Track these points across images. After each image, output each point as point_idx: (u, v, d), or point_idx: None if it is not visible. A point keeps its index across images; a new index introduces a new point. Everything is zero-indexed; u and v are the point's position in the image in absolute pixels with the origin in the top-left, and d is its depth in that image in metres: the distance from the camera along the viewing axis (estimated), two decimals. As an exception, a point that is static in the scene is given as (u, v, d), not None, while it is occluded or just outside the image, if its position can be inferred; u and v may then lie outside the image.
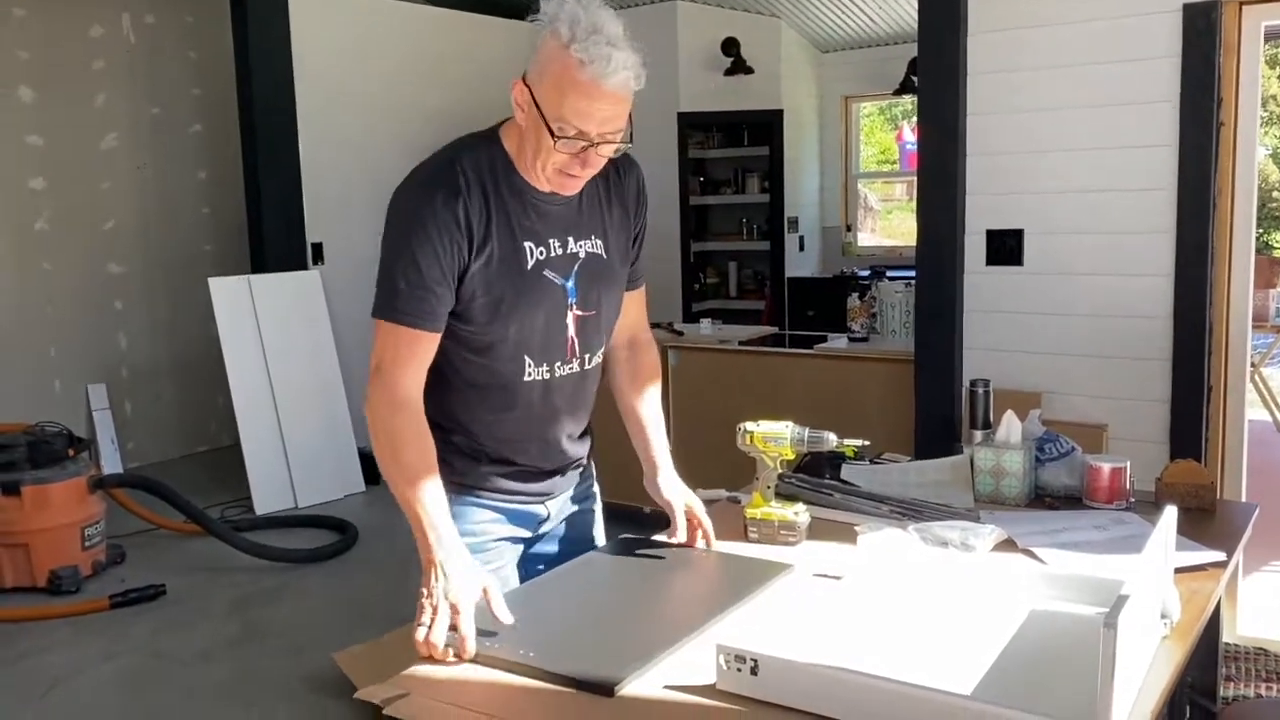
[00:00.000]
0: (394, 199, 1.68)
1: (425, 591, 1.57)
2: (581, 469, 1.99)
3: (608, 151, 1.66)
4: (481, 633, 1.54)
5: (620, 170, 1.85)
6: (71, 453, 4.37)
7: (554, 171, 1.66)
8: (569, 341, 1.79)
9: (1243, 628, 3.33)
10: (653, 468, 1.97)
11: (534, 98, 1.61)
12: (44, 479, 4.20)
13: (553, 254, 1.73)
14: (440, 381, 1.76)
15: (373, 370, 1.68)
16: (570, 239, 1.76)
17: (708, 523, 1.93)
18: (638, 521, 2.32)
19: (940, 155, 3.47)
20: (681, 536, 1.92)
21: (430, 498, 1.64)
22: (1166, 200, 3.14)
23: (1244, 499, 3.23)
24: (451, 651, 1.51)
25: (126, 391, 6.18)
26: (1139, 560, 1.44)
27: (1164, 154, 3.14)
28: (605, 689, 1.40)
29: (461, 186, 1.65)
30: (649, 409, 2.00)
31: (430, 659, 1.52)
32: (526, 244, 1.71)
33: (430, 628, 1.53)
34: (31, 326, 5.72)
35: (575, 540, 2.00)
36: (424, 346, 1.68)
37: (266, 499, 5.25)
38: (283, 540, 4.72)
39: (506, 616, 1.57)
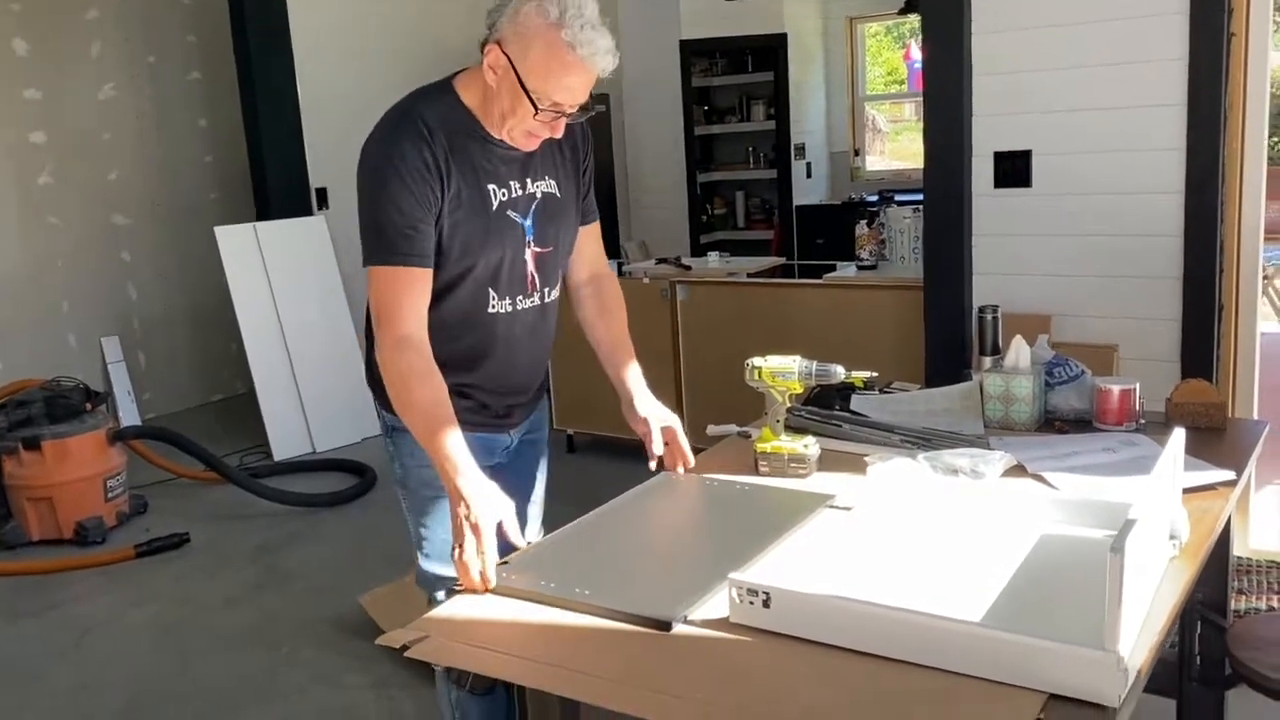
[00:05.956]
0: (363, 153, 1.81)
1: (455, 518, 1.63)
2: (539, 399, 2.10)
3: (573, 117, 1.78)
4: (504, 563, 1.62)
5: None
6: (89, 406, 4.42)
7: (522, 133, 1.78)
8: (529, 277, 1.91)
9: (1255, 542, 3.35)
10: (628, 393, 2.02)
11: (513, 67, 1.71)
12: (63, 433, 4.25)
13: (514, 194, 1.85)
14: None
15: (374, 319, 1.80)
16: (528, 180, 1.87)
17: (685, 445, 1.99)
18: (616, 450, 2.34)
19: (945, 76, 3.42)
20: (658, 450, 1.96)
21: (445, 431, 1.69)
22: (1177, 116, 3.09)
23: (1256, 416, 3.23)
24: (480, 575, 1.57)
25: (140, 343, 6.21)
26: (1146, 483, 1.45)
27: (1174, 68, 3.08)
28: (662, 625, 1.43)
29: (425, 133, 1.75)
30: (618, 337, 2.08)
31: (471, 589, 1.57)
32: (489, 186, 1.82)
33: (462, 551, 1.59)
34: (42, 282, 5.74)
35: (523, 463, 2.09)
36: (419, 284, 1.78)
37: (284, 445, 5.31)
38: (302, 485, 4.78)
39: (519, 539, 1.65)
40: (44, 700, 3.12)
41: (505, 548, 1.66)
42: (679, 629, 1.42)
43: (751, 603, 1.39)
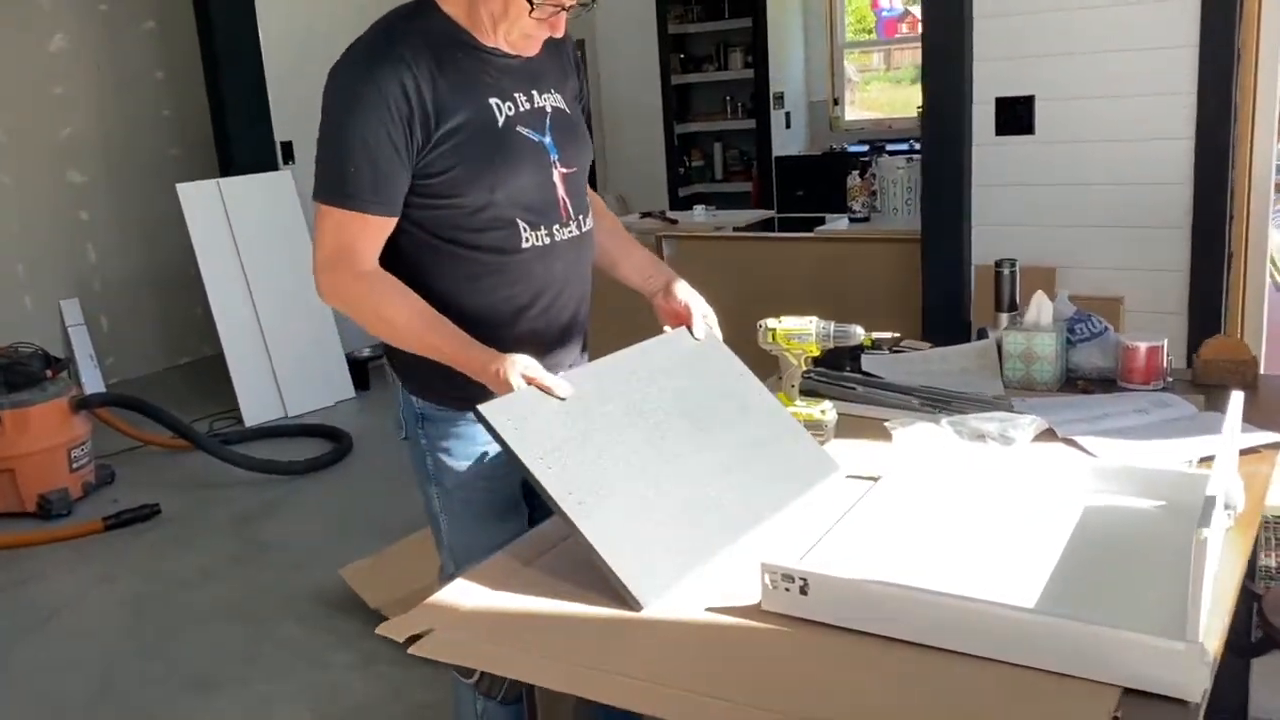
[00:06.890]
0: (331, 76, 1.60)
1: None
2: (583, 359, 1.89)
3: (573, 10, 1.62)
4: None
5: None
6: (50, 373, 4.23)
7: (519, 36, 1.62)
8: (560, 202, 1.72)
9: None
10: (664, 277, 1.83)
11: None
12: (23, 402, 4.07)
13: (521, 109, 1.67)
14: (435, 279, 1.66)
15: (321, 261, 1.61)
16: (534, 92, 1.69)
17: (719, 335, 1.82)
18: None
19: (946, 19, 3.28)
20: (700, 334, 1.78)
21: (444, 331, 1.59)
22: (1188, 58, 2.97)
23: (1263, 369, 3.14)
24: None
25: (101, 306, 5.99)
26: (1214, 452, 1.34)
27: (1185, 7, 2.96)
28: (634, 606, 1.32)
29: (405, 56, 1.56)
30: (622, 233, 1.95)
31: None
32: (492, 100, 1.64)
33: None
34: (-5, 243, 5.50)
35: None
36: (379, 233, 1.62)
37: (255, 410, 5.13)
38: (275, 451, 4.62)
39: (565, 390, 1.50)
40: (11, 683, 2.98)
41: None
42: (706, 617, 1.31)
43: (787, 589, 1.27)
